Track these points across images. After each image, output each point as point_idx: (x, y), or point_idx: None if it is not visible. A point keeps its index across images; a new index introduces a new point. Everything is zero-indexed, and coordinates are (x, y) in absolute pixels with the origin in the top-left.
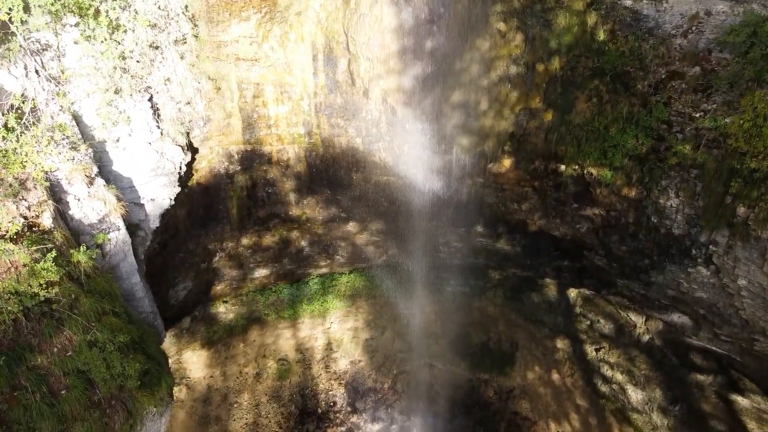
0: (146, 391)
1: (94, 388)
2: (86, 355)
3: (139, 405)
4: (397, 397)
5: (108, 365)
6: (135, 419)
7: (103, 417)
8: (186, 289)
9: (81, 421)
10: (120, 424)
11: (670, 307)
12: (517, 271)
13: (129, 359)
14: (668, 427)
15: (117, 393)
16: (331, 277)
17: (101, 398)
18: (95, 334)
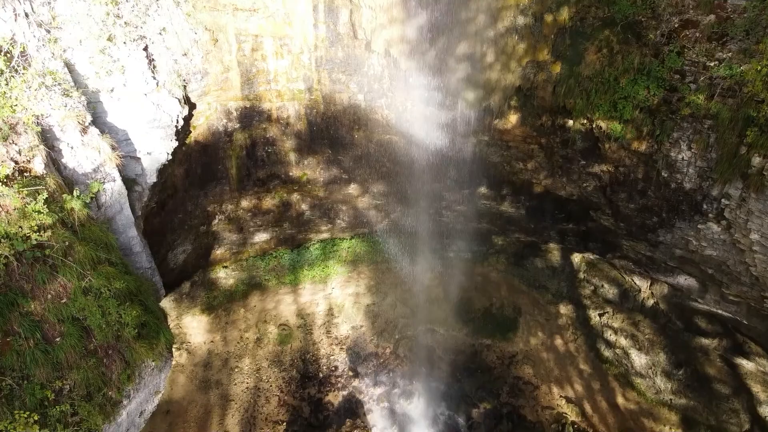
0: (144, 342)
1: (89, 336)
2: (81, 302)
3: (136, 356)
4: (399, 362)
5: (104, 312)
6: (132, 370)
7: (99, 366)
8: (185, 252)
9: (77, 369)
10: (117, 374)
11: (676, 269)
12: (521, 236)
13: (125, 307)
14: (672, 391)
15: (114, 342)
16: (332, 242)
17: (97, 347)
18: (90, 281)
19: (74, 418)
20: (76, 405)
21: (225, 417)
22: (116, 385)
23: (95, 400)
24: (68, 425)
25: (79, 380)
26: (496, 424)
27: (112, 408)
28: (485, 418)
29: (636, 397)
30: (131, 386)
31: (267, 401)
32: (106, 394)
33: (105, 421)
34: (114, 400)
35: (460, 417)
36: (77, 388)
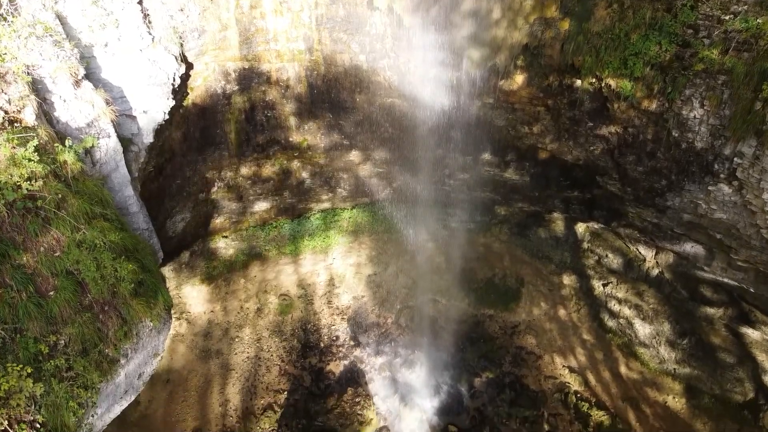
0: (141, 301)
1: (84, 291)
2: (75, 254)
3: (133, 313)
4: (400, 332)
5: (98, 265)
6: (129, 327)
7: (95, 321)
8: (184, 220)
9: (72, 324)
10: (114, 331)
11: (682, 236)
12: (524, 206)
13: (121, 261)
14: (676, 360)
15: (110, 298)
16: (333, 212)
17: (92, 302)
18: (84, 234)
19: (69, 373)
20: (71, 360)
21: (226, 386)
22: (113, 342)
23: (91, 356)
24: (63, 380)
25: (74, 335)
26: (498, 393)
27: (109, 366)
28: (487, 387)
29: (639, 366)
30: (128, 345)
31: (268, 370)
32: (103, 351)
33: (102, 379)
34: (111, 358)
35: (463, 386)
36: (72, 344)
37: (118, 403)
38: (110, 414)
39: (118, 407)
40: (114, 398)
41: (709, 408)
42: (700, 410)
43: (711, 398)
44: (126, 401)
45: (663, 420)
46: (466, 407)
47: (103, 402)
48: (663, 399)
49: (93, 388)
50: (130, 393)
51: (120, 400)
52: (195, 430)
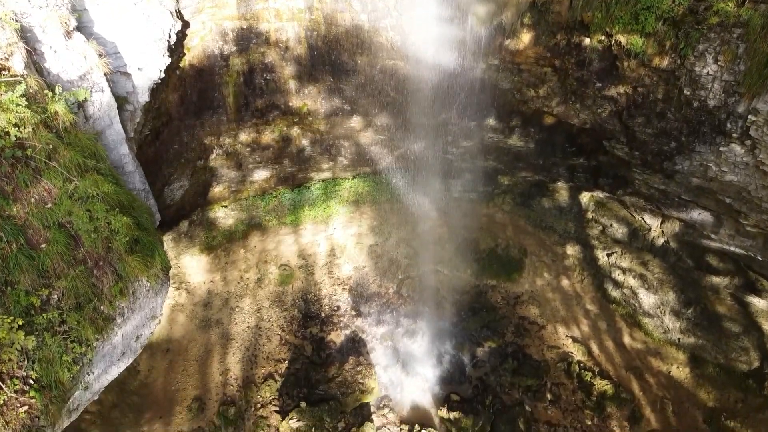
0: (137, 258)
1: (77, 245)
2: (67, 205)
3: (129, 270)
4: (402, 302)
5: (91, 217)
6: (125, 284)
7: (89, 276)
8: (182, 188)
9: (64, 278)
10: (109, 287)
11: (690, 203)
12: (528, 175)
13: (115, 213)
14: (680, 330)
15: (104, 253)
16: (334, 182)
17: (86, 256)
18: (77, 186)
19: (62, 327)
20: (65, 314)
21: (226, 355)
22: (108, 298)
23: (85, 311)
24: (56, 334)
25: (68, 289)
26: (501, 363)
27: (104, 323)
28: (490, 356)
29: (643, 336)
30: (124, 302)
31: (268, 340)
32: (97, 307)
33: (98, 337)
34: (106, 315)
35: (465, 355)
36: (65, 298)
37: (116, 365)
38: (107, 376)
39: (115, 369)
40: (111, 359)
41: (714, 377)
42: (704, 379)
43: (715, 367)
44: (123, 363)
45: (666, 389)
46: (468, 376)
47: (100, 362)
48: (667, 369)
49: (88, 345)
50: (128, 355)
51: (117, 362)
52: (195, 398)
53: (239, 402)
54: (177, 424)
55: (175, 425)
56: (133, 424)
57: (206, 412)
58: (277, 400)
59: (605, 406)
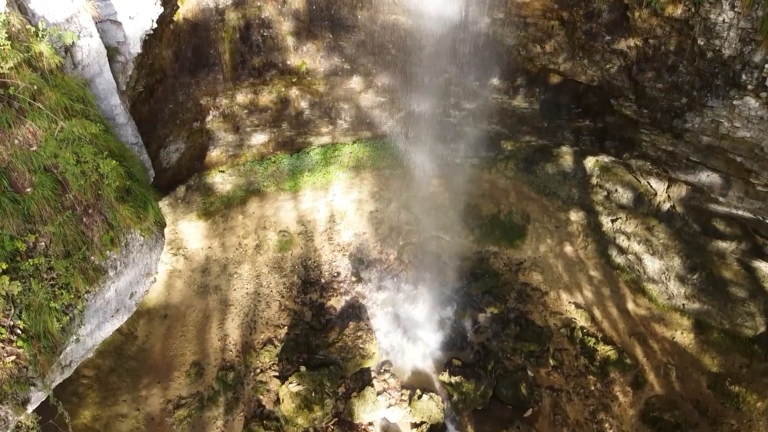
0: (128, 207)
1: (65, 191)
2: (52, 147)
3: (120, 219)
4: (403, 268)
5: (79, 159)
6: (117, 234)
7: (78, 223)
8: (179, 151)
9: (51, 222)
10: (99, 236)
11: (698, 164)
12: (532, 139)
13: (104, 157)
14: (685, 295)
15: (93, 200)
16: (334, 147)
17: (74, 202)
18: (63, 127)
19: (50, 274)
20: (52, 261)
21: (225, 321)
22: (98, 248)
23: (74, 259)
24: (43, 280)
25: (55, 236)
26: (503, 328)
27: (95, 274)
28: (492, 322)
29: (647, 303)
30: (116, 254)
31: (267, 306)
32: (87, 257)
33: (88, 289)
34: (96, 266)
35: (467, 321)
36: (53, 245)
37: (110, 322)
38: (101, 332)
39: (109, 326)
40: (104, 315)
41: (718, 343)
42: (708, 345)
43: (720, 333)
44: (118, 321)
45: (671, 355)
46: (470, 342)
47: (93, 317)
48: (671, 335)
49: (78, 295)
50: (122, 312)
51: (111, 318)
52: (194, 364)
53: (238, 367)
54: (175, 388)
55: (173, 390)
56: (131, 389)
57: (205, 377)
58: (277, 365)
59: (608, 372)
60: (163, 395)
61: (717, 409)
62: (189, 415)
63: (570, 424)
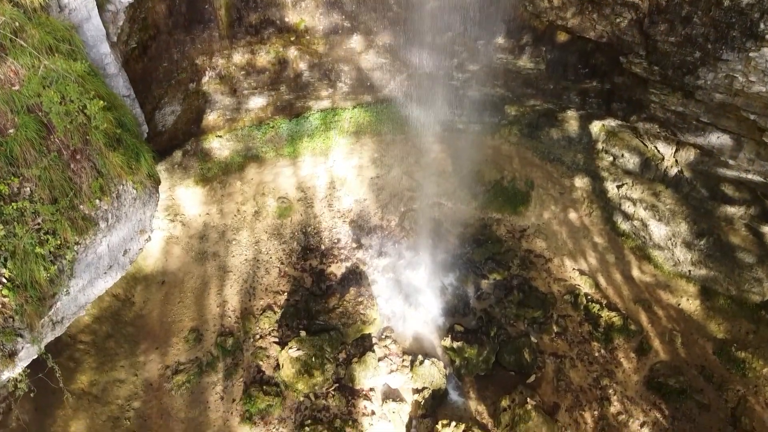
0: (119, 155)
1: (50, 134)
2: (35, 85)
3: (110, 167)
4: (404, 234)
5: (63, 98)
6: (107, 183)
7: (65, 168)
8: (174, 113)
9: (36, 166)
10: (88, 184)
11: (708, 126)
12: (537, 103)
13: (91, 96)
14: (691, 261)
15: (81, 146)
16: (333, 112)
17: (60, 147)
18: (46, 65)
19: (35, 219)
20: (37, 205)
21: (223, 287)
22: (87, 195)
23: (61, 205)
24: (27, 224)
25: (41, 180)
26: (506, 295)
27: (85, 225)
28: (495, 288)
29: (653, 269)
30: (107, 204)
31: (267, 272)
32: (76, 205)
33: (78, 240)
34: (86, 215)
35: (469, 288)
36: (39, 190)
37: (102, 278)
38: (94, 289)
39: (102, 283)
40: (97, 271)
41: (725, 309)
42: (714, 311)
43: (727, 299)
44: (111, 278)
45: (676, 321)
46: (472, 308)
47: (84, 272)
48: (676, 301)
49: (67, 245)
50: (116, 270)
51: (104, 275)
52: (192, 329)
53: (237, 333)
54: (174, 354)
55: (171, 355)
56: (129, 355)
57: (203, 342)
58: (277, 331)
59: (613, 338)
60: (161, 361)
61: (723, 374)
62: (188, 380)
63: (573, 389)
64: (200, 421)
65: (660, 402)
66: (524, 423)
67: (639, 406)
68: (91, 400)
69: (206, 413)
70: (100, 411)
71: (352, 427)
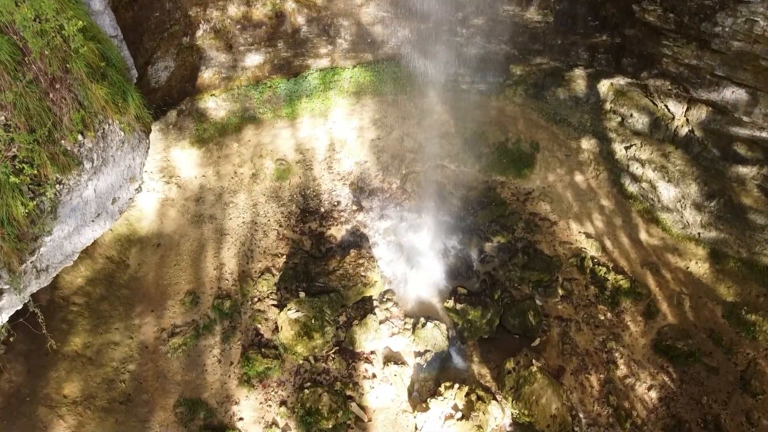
0: (103, 88)
1: (26, 56)
2: (7, 1)
3: (93, 99)
4: (406, 197)
5: (38, 16)
6: (90, 116)
7: (43, 97)
8: (168, 69)
9: (10, 90)
10: (69, 116)
11: (723, 80)
12: (543, 61)
13: (69, 17)
14: (701, 224)
15: (60, 74)
16: (333, 71)
17: (38, 73)
18: None
19: (10, 147)
20: (12, 132)
21: (220, 250)
22: (68, 129)
23: (39, 135)
24: (1, 152)
25: (16, 107)
26: (510, 258)
27: (68, 161)
28: (498, 251)
29: (661, 232)
30: (91, 141)
31: (265, 235)
32: (57, 139)
33: (60, 177)
34: (68, 151)
35: (472, 251)
36: (14, 118)
37: (90, 226)
38: (81, 237)
39: (89, 231)
40: (83, 217)
41: (735, 272)
42: (724, 274)
43: (737, 262)
44: (99, 227)
45: (684, 285)
46: (475, 271)
47: (69, 217)
48: (685, 264)
49: (48, 181)
50: (104, 218)
51: (92, 223)
52: (189, 292)
53: (235, 296)
54: (169, 317)
55: (167, 318)
56: (124, 317)
57: (200, 306)
58: (275, 294)
59: (619, 301)
60: (157, 324)
61: (732, 338)
62: (184, 343)
63: (579, 353)
64: (197, 384)
65: (668, 365)
66: (529, 385)
67: (646, 370)
68: (84, 362)
69: (203, 376)
70: (94, 373)
71: (352, 390)
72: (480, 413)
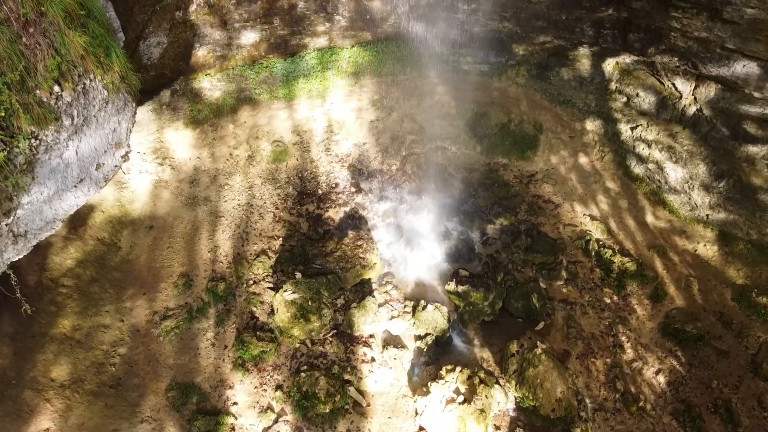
0: (83, 38)
1: None
2: None
3: (73, 49)
4: (406, 178)
5: None
6: (67, 66)
7: (15, 40)
8: (160, 45)
9: None
10: (44, 63)
11: (734, 53)
12: (547, 40)
13: None
14: (709, 205)
15: (34, 17)
16: (331, 51)
17: (9, 14)
18: None
19: None
20: None
21: (215, 232)
22: (43, 76)
23: (9, 78)
24: None
25: None
26: (513, 240)
27: (44, 114)
28: (501, 234)
29: (667, 215)
30: (69, 94)
31: (261, 217)
32: (30, 88)
33: (35, 131)
34: (44, 102)
35: (474, 233)
36: None
37: (72, 192)
38: (62, 203)
39: (72, 197)
40: (64, 181)
41: (744, 254)
42: (733, 257)
43: (747, 244)
44: (83, 194)
45: (692, 267)
46: (478, 254)
47: (49, 179)
48: (693, 247)
49: (21, 133)
50: (88, 184)
51: (74, 188)
52: (182, 275)
53: (230, 278)
54: (162, 300)
55: (160, 301)
56: (115, 300)
57: (194, 288)
58: (271, 276)
59: (626, 284)
60: (149, 307)
61: (742, 321)
62: (177, 326)
63: (585, 337)
64: (190, 368)
65: (676, 349)
66: (533, 368)
67: (654, 353)
68: (73, 345)
69: (196, 360)
70: (84, 356)
71: (350, 374)
72: (482, 397)
